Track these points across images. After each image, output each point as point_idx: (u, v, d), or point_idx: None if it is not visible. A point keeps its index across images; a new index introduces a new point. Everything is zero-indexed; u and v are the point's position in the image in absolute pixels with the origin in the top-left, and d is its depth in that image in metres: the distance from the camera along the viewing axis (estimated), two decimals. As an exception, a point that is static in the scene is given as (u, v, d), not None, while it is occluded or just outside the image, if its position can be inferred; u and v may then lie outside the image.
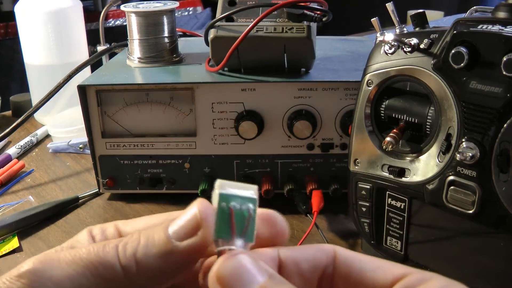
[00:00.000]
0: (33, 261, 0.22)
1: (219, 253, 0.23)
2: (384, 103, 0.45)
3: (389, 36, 0.43)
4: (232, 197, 0.23)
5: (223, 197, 0.23)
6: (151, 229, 0.23)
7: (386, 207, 0.47)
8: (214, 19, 0.58)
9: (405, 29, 0.44)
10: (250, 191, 0.23)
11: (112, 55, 0.80)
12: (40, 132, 0.85)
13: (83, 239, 0.25)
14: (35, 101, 0.90)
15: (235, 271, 0.22)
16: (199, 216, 0.22)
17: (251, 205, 0.23)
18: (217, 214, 0.23)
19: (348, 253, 0.25)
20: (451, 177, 0.40)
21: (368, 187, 0.47)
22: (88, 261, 0.22)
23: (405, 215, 0.45)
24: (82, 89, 0.59)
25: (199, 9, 2.37)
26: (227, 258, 0.22)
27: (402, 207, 0.45)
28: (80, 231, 0.26)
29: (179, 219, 0.23)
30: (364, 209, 0.48)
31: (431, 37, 0.41)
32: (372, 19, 0.45)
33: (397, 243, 0.47)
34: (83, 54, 0.91)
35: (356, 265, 0.25)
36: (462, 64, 0.38)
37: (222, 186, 0.23)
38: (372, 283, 0.24)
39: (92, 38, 0.97)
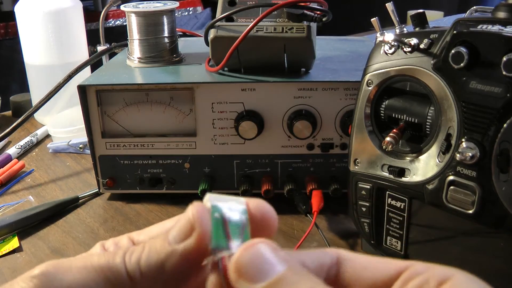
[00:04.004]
0: (45, 265, 0.24)
1: (220, 261, 0.23)
2: (384, 103, 0.45)
3: (389, 36, 0.43)
4: (223, 208, 0.24)
5: (216, 208, 0.24)
6: (154, 239, 0.25)
7: (386, 207, 0.47)
8: (214, 19, 0.58)
9: (405, 29, 0.44)
10: (240, 203, 0.25)
11: (112, 55, 0.80)
12: (40, 132, 0.85)
13: (96, 252, 0.27)
14: (35, 101, 0.90)
15: (254, 259, 0.22)
16: (192, 218, 0.24)
17: (243, 215, 0.24)
18: (212, 225, 0.24)
19: (351, 254, 0.25)
20: (451, 177, 0.40)
21: (368, 187, 0.47)
22: (98, 266, 0.24)
23: (405, 215, 0.45)
24: (82, 89, 0.59)
25: (199, 9, 2.37)
26: (246, 247, 0.22)
27: (402, 207, 0.45)
28: (94, 246, 0.28)
29: (176, 225, 0.24)
30: (364, 209, 0.48)
31: (431, 37, 0.41)
32: (372, 19, 0.45)
33: (397, 243, 0.47)
34: (83, 54, 0.91)
35: (359, 262, 0.25)
36: (462, 64, 0.38)
37: (212, 200, 0.24)
38: (376, 276, 0.24)
39: (92, 38, 0.97)
